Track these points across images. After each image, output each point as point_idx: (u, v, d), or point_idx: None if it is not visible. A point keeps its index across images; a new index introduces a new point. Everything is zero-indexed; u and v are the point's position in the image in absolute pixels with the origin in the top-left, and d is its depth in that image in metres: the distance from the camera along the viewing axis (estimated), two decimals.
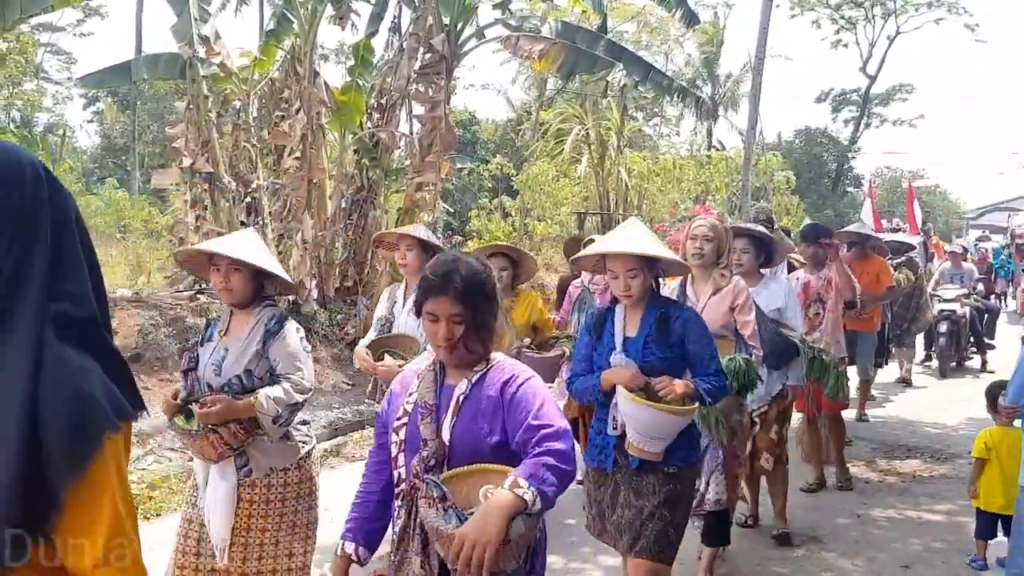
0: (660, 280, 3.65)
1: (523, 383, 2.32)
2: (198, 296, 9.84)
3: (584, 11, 13.33)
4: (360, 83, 10.91)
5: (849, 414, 7.49)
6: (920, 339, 11.52)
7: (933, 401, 9.67)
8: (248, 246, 3.52)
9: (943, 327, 11.15)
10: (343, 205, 10.93)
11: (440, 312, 2.31)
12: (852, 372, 7.43)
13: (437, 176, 10.56)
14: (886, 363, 9.71)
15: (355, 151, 11.14)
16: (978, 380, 10.31)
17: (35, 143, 17.70)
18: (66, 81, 30.43)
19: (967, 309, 11.57)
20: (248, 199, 10.42)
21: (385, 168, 11.15)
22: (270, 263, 3.55)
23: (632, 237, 3.56)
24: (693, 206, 18.80)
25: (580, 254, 3.95)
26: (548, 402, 2.31)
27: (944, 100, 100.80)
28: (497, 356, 2.43)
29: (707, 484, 4.27)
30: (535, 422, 2.23)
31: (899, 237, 11.36)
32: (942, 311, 11.17)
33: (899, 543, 5.21)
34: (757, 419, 4.85)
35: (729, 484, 4.36)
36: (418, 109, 10.96)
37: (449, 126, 10.67)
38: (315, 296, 10.33)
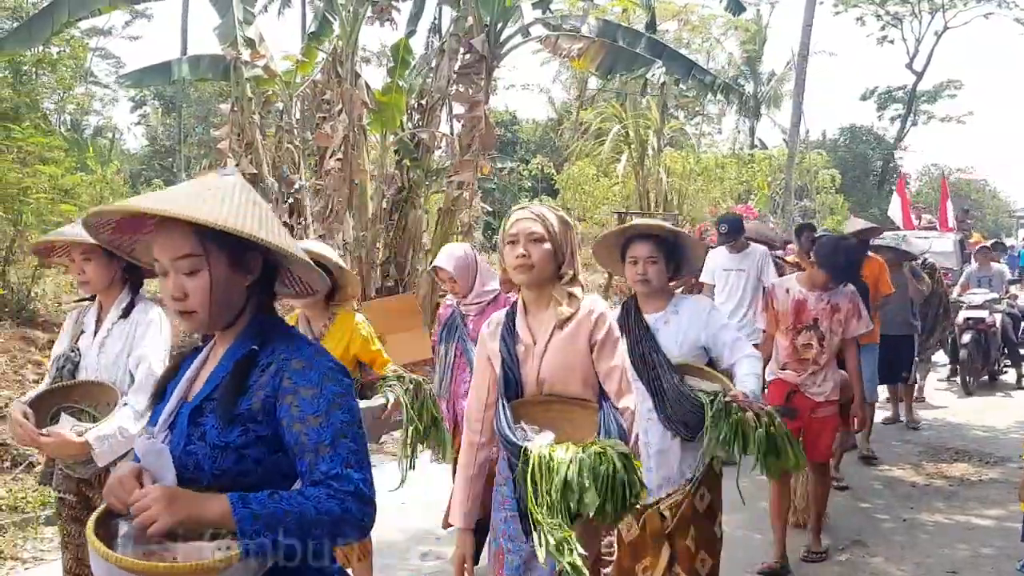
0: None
1: None
2: None
3: (625, 9, 13.28)
4: (400, 84, 10.98)
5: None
6: (942, 353, 10.61)
7: (982, 404, 9.46)
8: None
9: (967, 337, 9.85)
10: (384, 206, 11.01)
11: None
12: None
13: (475, 175, 10.58)
14: (916, 377, 8.67)
15: (396, 152, 11.22)
16: (1010, 398, 9.90)
17: (85, 146, 18.07)
18: (114, 84, 31.01)
19: (998, 316, 10.24)
20: (291, 200, 10.55)
21: (426, 169, 11.20)
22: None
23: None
24: (734, 205, 18.66)
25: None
26: None
27: (994, 96, 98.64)
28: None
29: None
30: None
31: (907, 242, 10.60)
32: (967, 319, 9.94)
33: (947, 548, 5.11)
34: (667, 513, 3.40)
35: None
36: (458, 109, 10.99)
37: (489, 126, 10.68)
38: (356, 296, 10.41)
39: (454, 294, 4.49)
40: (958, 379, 10.33)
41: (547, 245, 2.66)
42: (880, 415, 8.24)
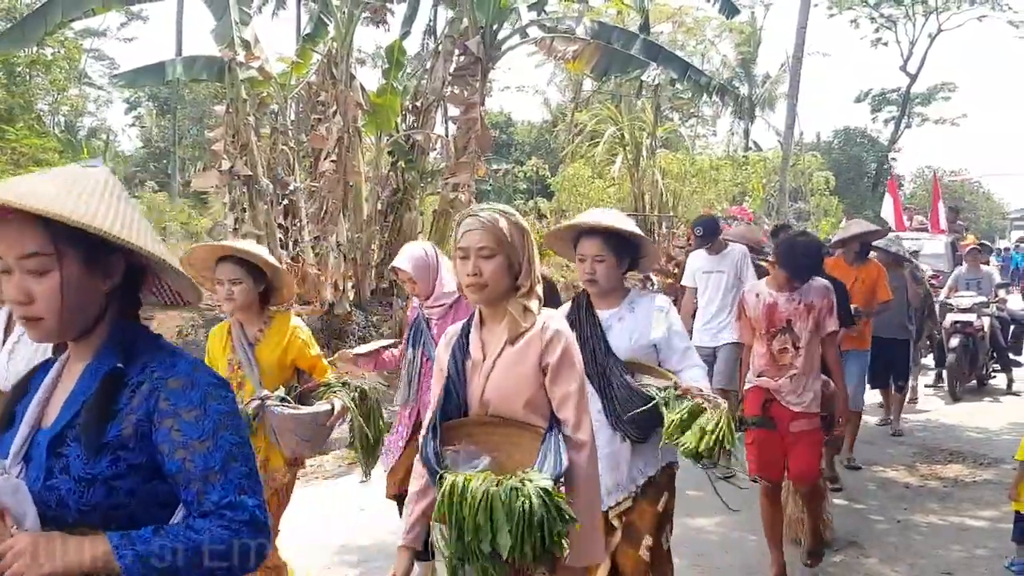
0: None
1: None
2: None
3: (620, 11, 13.30)
4: (395, 85, 10.98)
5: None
6: (930, 358, 10.44)
7: (972, 408, 9.45)
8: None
9: (954, 341, 9.53)
10: (379, 207, 11.02)
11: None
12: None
13: (471, 177, 10.59)
14: (912, 381, 8.58)
15: (390, 153, 11.22)
16: (999, 404, 9.65)
17: (79, 147, 18.06)
18: (107, 85, 31.00)
19: (986, 320, 9.88)
20: (285, 201, 10.54)
21: (420, 170, 11.22)
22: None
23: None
24: (729, 207, 18.69)
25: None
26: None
27: (988, 98, 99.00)
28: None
29: None
30: None
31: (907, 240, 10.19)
32: (955, 323, 9.63)
33: (941, 549, 5.12)
34: (615, 522, 3.22)
35: None
36: (453, 111, 11.01)
37: (484, 127, 10.69)
38: (351, 298, 10.42)
39: (415, 296, 4.26)
40: (945, 384, 10.04)
41: (499, 259, 2.41)
42: (875, 418, 8.26)
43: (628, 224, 3.27)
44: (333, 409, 3.57)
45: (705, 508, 5.71)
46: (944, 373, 9.98)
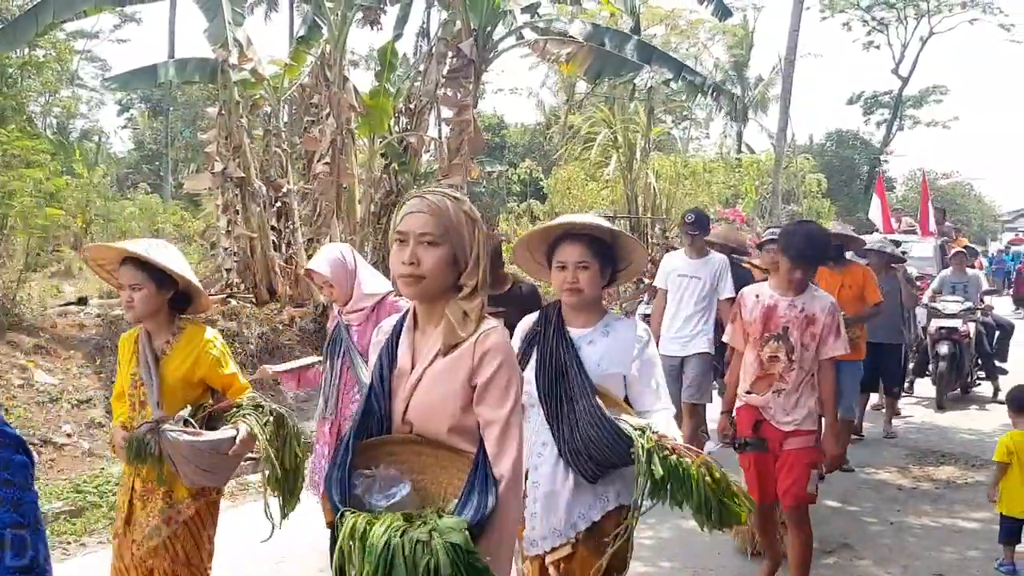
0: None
1: None
2: (229, 300, 9.93)
3: (612, 14, 13.31)
4: (387, 87, 10.97)
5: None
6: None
7: (963, 413, 9.40)
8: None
9: (942, 348, 9.12)
10: (372, 209, 11.00)
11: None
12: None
13: (464, 179, 10.59)
14: (908, 389, 8.51)
15: (384, 155, 11.21)
16: (987, 412, 9.27)
17: (71, 149, 17.99)
18: (99, 87, 30.93)
19: (972, 326, 9.50)
20: (278, 203, 10.53)
21: (414, 172, 11.21)
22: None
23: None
24: (722, 209, 18.72)
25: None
26: None
27: (979, 101, 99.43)
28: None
29: None
30: None
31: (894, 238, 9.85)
32: (940, 329, 9.24)
33: (933, 551, 5.13)
34: (552, 570, 2.84)
35: None
36: (446, 113, 11.01)
37: (477, 129, 10.69)
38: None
39: (333, 301, 3.98)
40: (914, 391, 9.94)
41: (443, 249, 2.05)
42: (869, 424, 8.26)
43: (614, 228, 2.97)
44: (237, 436, 3.08)
45: None
46: (932, 380, 9.57)
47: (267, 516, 3.17)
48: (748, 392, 4.14)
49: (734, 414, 4.25)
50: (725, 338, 4.50)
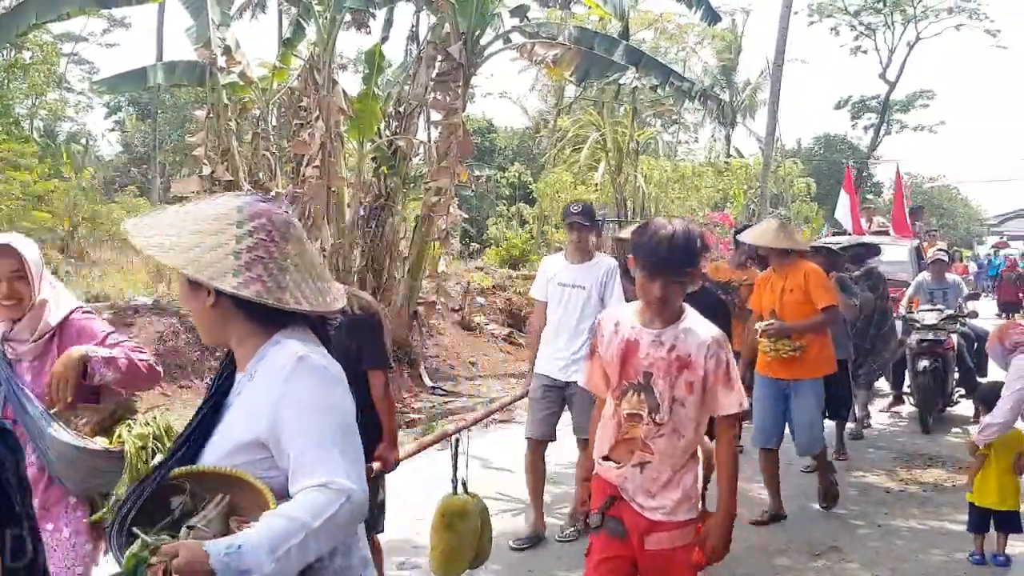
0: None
1: None
2: None
3: (602, 17, 13.34)
4: (375, 91, 10.96)
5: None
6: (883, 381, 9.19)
7: (952, 408, 9.46)
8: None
9: (922, 363, 8.08)
10: (361, 213, 10.98)
11: None
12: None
13: (451, 182, 10.58)
14: (854, 415, 7.56)
15: (373, 159, 11.20)
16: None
17: (58, 152, 17.92)
18: (87, 90, 30.83)
19: (955, 337, 8.56)
20: None
21: (403, 176, 11.20)
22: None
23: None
24: (711, 213, 18.79)
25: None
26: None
27: (966, 105, 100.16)
28: None
29: None
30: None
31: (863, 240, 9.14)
32: (922, 342, 8.22)
33: (921, 554, 5.15)
34: None
35: None
36: (435, 116, 10.99)
37: (466, 132, 10.69)
38: None
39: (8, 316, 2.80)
40: (902, 409, 9.13)
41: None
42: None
43: None
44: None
45: None
46: (903, 398, 8.94)
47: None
48: (605, 458, 2.87)
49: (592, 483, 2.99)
50: (580, 380, 3.37)
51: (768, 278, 5.62)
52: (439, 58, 10.62)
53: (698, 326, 2.79)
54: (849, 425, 7.52)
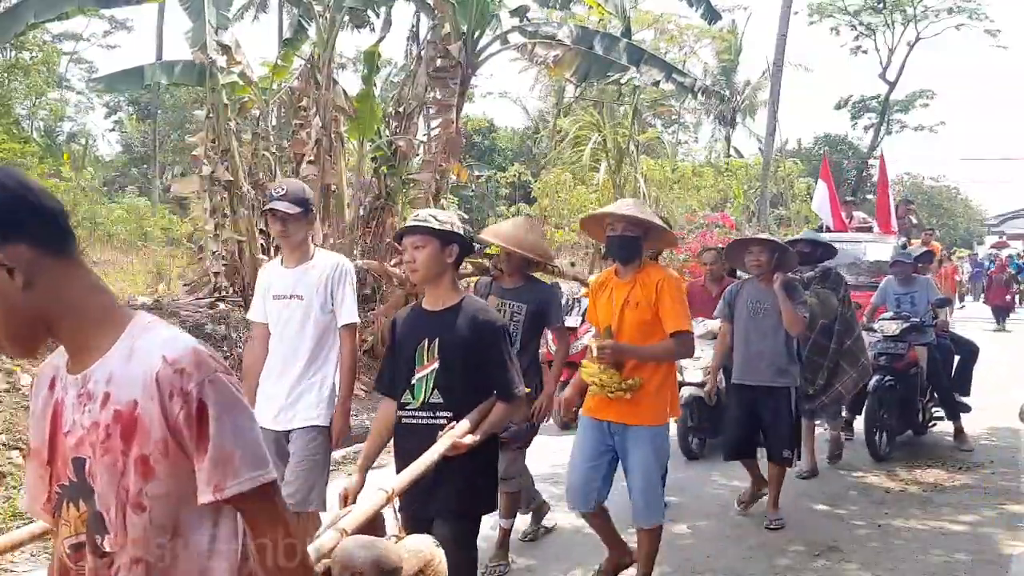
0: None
1: None
2: (217, 304, 9.89)
3: (601, 18, 13.33)
4: (374, 90, 10.96)
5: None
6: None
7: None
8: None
9: (873, 381, 6.76)
10: (361, 213, 10.98)
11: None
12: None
13: (432, 177, 10.59)
14: (798, 455, 5.67)
15: (373, 159, 11.20)
16: (974, 417, 7.83)
17: (58, 152, 17.91)
18: (86, 90, 30.85)
19: (922, 350, 7.32)
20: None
21: (403, 176, 11.20)
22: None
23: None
24: (711, 214, 18.77)
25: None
26: None
27: (966, 106, 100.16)
28: None
29: None
30: None
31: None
32: (878, 356, 7.01)
33: (921, 554, 5.14)
34: None
35: None
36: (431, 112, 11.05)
37: (457, 129, 10.70)
38: None
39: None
40: (854, 434, 7.75)
41: None
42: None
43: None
44: None
45: (686, 514, 5.72)
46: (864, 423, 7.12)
47: None
48: None
49: None
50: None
51: (606, 283, 4.19)
52: (439, 58, 10.63)
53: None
54: (799, 464, 6.07)
